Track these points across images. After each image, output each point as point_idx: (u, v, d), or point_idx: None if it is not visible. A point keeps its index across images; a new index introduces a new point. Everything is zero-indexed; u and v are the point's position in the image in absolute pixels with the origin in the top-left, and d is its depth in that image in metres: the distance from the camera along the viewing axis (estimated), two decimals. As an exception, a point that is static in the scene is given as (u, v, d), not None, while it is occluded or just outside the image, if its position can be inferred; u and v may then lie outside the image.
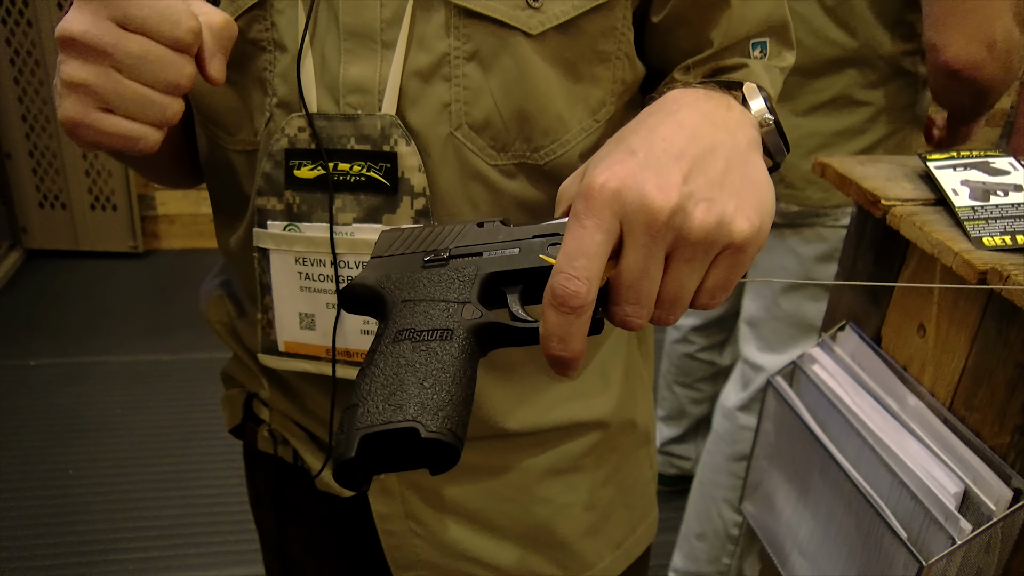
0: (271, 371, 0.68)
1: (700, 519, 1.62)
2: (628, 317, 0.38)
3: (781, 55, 0.61)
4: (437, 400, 0.35)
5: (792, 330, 1.42)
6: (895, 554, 0.77)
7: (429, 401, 0.35)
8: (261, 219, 0.58)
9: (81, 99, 0.43)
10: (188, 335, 2.65)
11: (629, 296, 0.37)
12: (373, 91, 0.54)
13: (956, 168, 0.83)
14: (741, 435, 1.52)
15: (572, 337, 0.36)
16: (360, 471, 0.36)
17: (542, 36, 0.53)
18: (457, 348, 0.38)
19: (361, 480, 0.36)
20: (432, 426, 0.35)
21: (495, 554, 0.68)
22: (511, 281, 0.41)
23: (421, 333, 0.38)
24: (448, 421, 0.35)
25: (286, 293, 0.59)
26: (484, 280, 0.41)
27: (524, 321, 0.40)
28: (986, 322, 0.76)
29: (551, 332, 0.36)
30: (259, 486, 0.80)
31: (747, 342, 1.51)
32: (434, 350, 0.37)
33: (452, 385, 0.36)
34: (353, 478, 0.36)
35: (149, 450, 2.14)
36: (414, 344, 0.38)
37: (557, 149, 0.57)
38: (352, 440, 0.35)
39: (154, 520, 1.91)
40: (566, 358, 0.37)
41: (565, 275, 0.36)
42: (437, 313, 0.39)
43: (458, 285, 0.41)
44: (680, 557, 1.69)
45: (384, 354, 0.38)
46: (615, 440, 0.70)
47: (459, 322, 0.39)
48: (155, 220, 3.31)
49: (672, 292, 0.38)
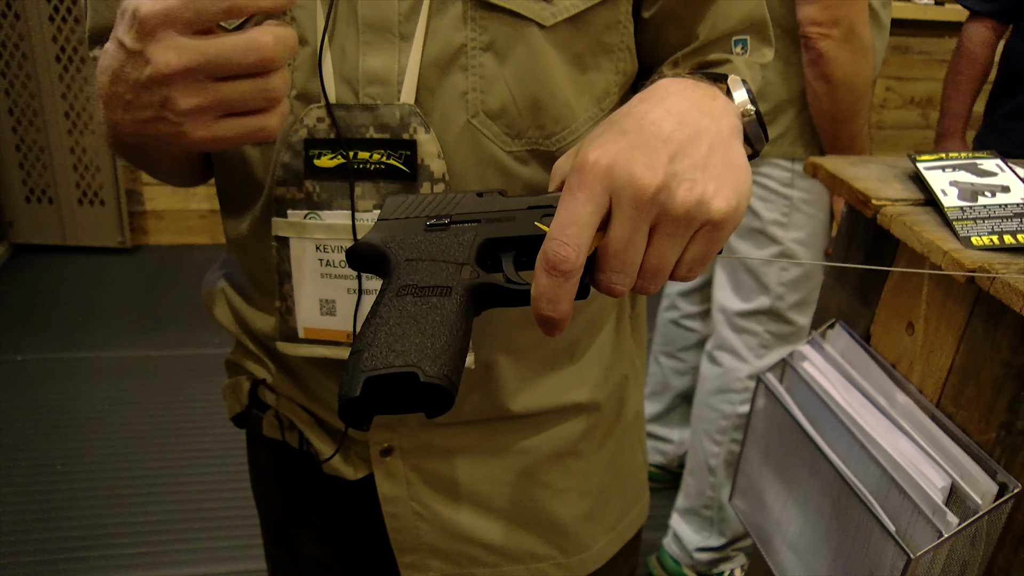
0: (278, 357, 0.69)
1: (690, 455, 1.73)
2: (613, 284, 0.41)
3: (761, 52, 0.65)
4: (435, 348, 0.39)
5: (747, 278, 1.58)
6: (883, 548, 0.78)
7: (428, 349, 0.39)
8: (280, 208, 0.59)
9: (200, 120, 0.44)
10: (176, 331, 2.65)
11: (615, 264, 0.41)
12: (392, 82, 0.56)
13: (945, 169, 0.84)
14: (714, 371, 1.66)
15: (560, 299, 0.40)
16: (362, 411, 0.39)
17: (554, 28, 0.56)
18: (455, 304, 0.41)
19: (362, 419, 0.39)
20: (431, 371, 0.38)
21: (495, 536, 0.70)
22: (507, 247, 0.45)
23: (423, 289, 0.42)
24: (445, 368, 0.38)
25: (307, 280, 0.61)
26: (482, 245, 0.44)
27: (517, 284, 0.43)
28: (973, 321, 0.78)
29: (541, 293, 0.40)
30: (263, 471, 0.81)
31: (719, 288, 1.65)
32: (434, 304, 0.41)
33: (449, 336, 0.40)
34: (356, 417, 0.39)
35: (137, 446, 2.13)
36: (416, 298, 0.41)
37: (567, 136, 0.59)
38: (357, 381, 0.38)
39: (142, 516, 1.90)
40: (554, 318, 0.40)
41: (557, 241, 0.39)
42: (438, 272, 0.43)
43: (458, 248, 0.44)
44: (680, 496, 1.78)
45: (388, 306, 0.41)
46: (611, 425, 0.72)
47: (458, 281, 0.42)
48: (143, 215, 3.29)
49: (654, 263, 0.41)
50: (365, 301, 0.61)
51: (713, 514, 1.69)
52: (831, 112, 1.39)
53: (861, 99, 1.38)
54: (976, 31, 1.62)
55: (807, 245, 1.53)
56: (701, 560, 1.72)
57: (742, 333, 1.60)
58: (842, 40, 1.31)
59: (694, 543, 1.72)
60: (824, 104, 1.38)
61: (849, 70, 1.34)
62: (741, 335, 1.60)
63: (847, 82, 1.35)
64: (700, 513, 1.71)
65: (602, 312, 0.70)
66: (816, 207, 1.51)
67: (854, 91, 1.36)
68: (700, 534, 1.72)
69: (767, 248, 1.53)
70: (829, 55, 1.32)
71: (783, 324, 1.56)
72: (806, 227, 1.52)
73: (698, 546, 1.71)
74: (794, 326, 1.57)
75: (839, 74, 1.34)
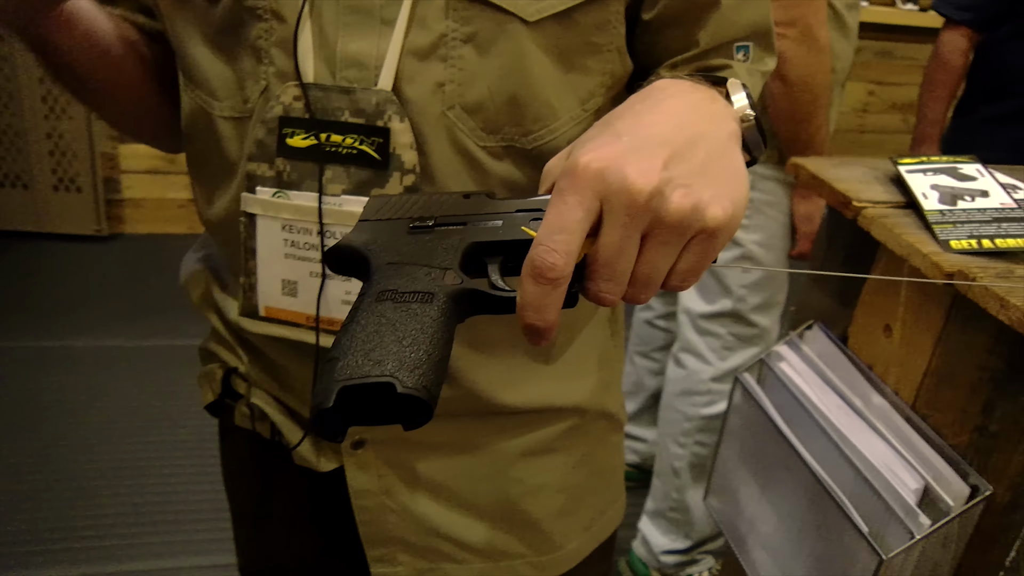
0: (251, 345, 0.68)
1: (657, 458, 1.73)
2: (602, 293, 0.39)
3: (763, 60, 0.64)
4: (415, 358, 0.37)
5: (709, 280, 1.58)
6: (856, 549, 0.79)
7: (407, 359, 0.36)
8: (250, 184, 0.59)
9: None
10: (152, 321, 2.61)
11: (605, 273, 0.39)
12: (370, 66, 0.55)
13: (926, 173, 0.85)
14: (679, 373, 1.66)
15: (547, 308, 0.38)
16: (337, 422, 0.37)
17: (539, 24, 0.55)
18: (437, 311, 0.39)
19: (337, 431, 0.37)
20: (408, 382, 0.36)
21: (466, 532, 0.69)
22: (492, 252, 0.43)
23: (403, 295, 0.39)
24: (424, 379, 0.36)
25: (270, 259, 0.60)
26: (467, 249, 0.42)
27: (502, 290, 0.41)
28: (950, 325, 0.78)
29: (528, 302, 0.38)
30: (235, 461, 0.80)
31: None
32: (414, 311, 0.39)
33: (430, 345, 0.37)
34: (329, 428, 0.37)
35: (109, 437, 2.10)
36: (396, 304, 0.39)
37: (545, 135, 0.58)
38: (331, 391, 0.36)
39: (111, 508, 1.88)
40: (540, 327, 0.38)
41: (544, 247, 0.37)
42: (420, 276, 0.40)
43: (441, 252, 0.42)
44: (648, 498, 1.78)
45: (366, 311, 0.39)
46: (589, 425, 0.71)
47: (440, 287, 0.40)
48: (121, 204, 3.24)
49: (646, 272, 0.39)
50: (328, 286, 0.60)
51: (679, 516, 1.70)
52: (789, 112, 1.39)
53: (818, 99, 1.38)
54: (952, 39, 1.64)
55: (767, 247, 1.54)
56: (667, 563, 1.72)
57: (705, 335, 1.60)
58: (799, 40, 1.31)
59: (661, 546, 1.72)
60: (781, 104, 1.38)
61: (805, 70, 1.34)
62: (704, 337, 1.61)
63: (803, 82, 1.35)
64: (666, 515, 1.71)
65: (581, 314, 0.69)
66: (777, 209, 1.52)
67: (811, 91, 1.36)
68: (667, 536, 1.72)
69: (728, 251, 1.54)
70: (786, 55, 1.32)
71: (746, 326, 1.57)
72: (767, 229, 1.53)
73: (665, 548, 1.71)
74: (757, 328, 1.58)
75: (795, 74, 1.34)
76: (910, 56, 3.52)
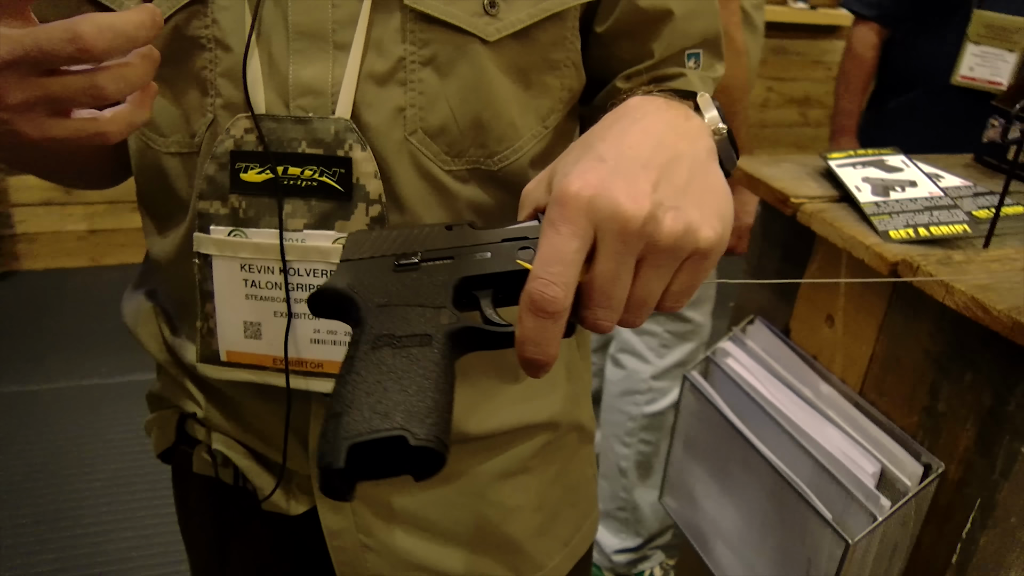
0: (209, 387, 0.64)
1: (602, 459, 1.74)
2: (599, 320, 0.39)
3: (713, 67, 0.65)
4: (423, 407, 0.35)
5: None
6: (820, 536, 0.80)
7: (415, 408, 0.35)
8: (203, 224, 0.55)
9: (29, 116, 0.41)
10: (58, 362, 2.45)
11: (601, 301, 0.38)
12: (326, 93, 0.53)
13: (856, 166, 0.88)
14: (618, 374, 1.68)
15: (548, 341, 0.37)
16: (346, 480, 0.35)
17: (498, 44, 0.53)
18: (437, 353, 0.37)
19: (346, 490, 0.35)
20: (420, 433, 0.34)
21: (447, 562, 0.67)
22: (484, 285, 0.41)
23: (400, 339, 0.38)
24: (435, 428, 0.35)
25: (230, 301, 0.56)
26: (458, 284, 0.41)
27: (500, 325, 0.40)
28: (892, 312, 0.81)
29: (528, 336, 0.37)
30: (194, 511, 0.76)
31: None
32: (415, 356, 0.37)
33: (435, 391, 0.36)
34: (339, 488, 0.35)
35: (18, 488, 1.96)
36: (394, 350, 0.37)
37: (510, 155, 0.57)
38: (339, 449, 0.33)
39: (30, 569, 1.75)
40: (541, 361, 0.37)
41: (543, 281, 0.36)
42: (414, 318, 0.39)
43: (432, 289, 0.40)
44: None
45: (364, 360, 0.37)
46: (562, 439, 0.70)
47: (437, 327, 0.38)
48: (13, 239, 3.04)
49: (640, 296, 0.39)
50: (296, 325, 0.57)
51: (628, 515, 1.72)
52: None
53: (737, 101, 1.41)
54: (863, 34, 1.72)
55: None
56: (620, 562, 1.74)
57: (642, 334, 1.63)
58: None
59: (612, 546, 1.73)
60: None
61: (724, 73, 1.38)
62: (642, 336, 1.63)
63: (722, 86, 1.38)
64: (615, 516, 1.73)
65: None
66: None
67: (729, 93, 1.38)
68: (617, 536, 1.73)
69: None
70: None
71: (681, 322, 1.61)
72: None
73: (616, 548, 1.73)
74: (692, 323, 1.61)
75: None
76: (803, 52, 3.69)
